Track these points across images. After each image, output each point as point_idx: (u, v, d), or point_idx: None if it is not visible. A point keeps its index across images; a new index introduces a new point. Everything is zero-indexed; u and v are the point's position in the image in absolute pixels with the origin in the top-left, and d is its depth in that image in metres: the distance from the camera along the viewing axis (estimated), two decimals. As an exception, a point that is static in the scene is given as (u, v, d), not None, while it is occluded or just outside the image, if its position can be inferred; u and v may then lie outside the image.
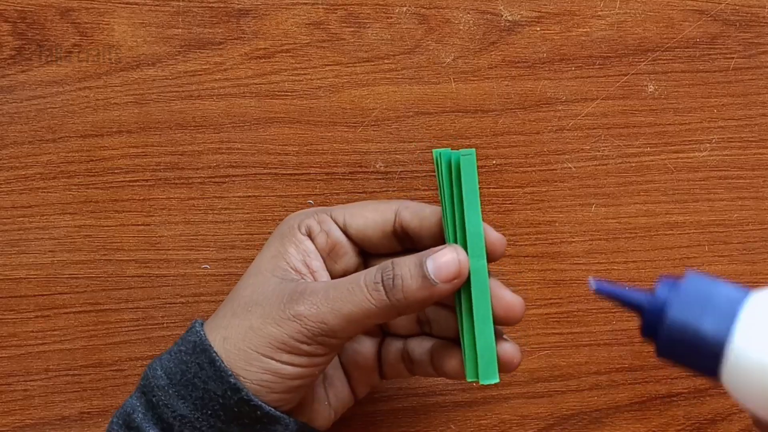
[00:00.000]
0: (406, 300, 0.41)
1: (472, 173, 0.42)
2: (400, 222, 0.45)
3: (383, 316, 0.42)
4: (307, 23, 0.54)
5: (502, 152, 0.54)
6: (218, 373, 0.42)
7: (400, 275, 0.41)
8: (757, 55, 0.55)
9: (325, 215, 0.46)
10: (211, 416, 0.42)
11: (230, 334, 0.43)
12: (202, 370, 0.42)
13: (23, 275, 0.52)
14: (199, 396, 0.42)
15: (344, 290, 0.42)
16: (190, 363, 0.43)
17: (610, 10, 0.55)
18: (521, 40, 0.54)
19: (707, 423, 0.55)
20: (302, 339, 0.41)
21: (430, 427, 0.54)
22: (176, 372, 0.43)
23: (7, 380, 0.52)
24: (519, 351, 0.43)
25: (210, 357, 0.42)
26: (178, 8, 0.53)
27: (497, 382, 0.42)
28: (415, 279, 0.41)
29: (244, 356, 0.42)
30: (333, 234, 0.46)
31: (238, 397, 0.41)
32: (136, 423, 0.43)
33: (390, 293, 0.41)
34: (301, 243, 0.45)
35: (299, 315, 0.41)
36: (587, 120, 0.55)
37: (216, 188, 0.53)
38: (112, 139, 0.53)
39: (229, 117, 0.53)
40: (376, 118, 0.54)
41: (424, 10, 0.54)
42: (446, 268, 0.41)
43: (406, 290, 0.41)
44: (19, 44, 0.53)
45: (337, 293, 0.42)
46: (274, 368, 0.42)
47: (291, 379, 0.42)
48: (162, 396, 0.42)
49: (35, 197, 0.52)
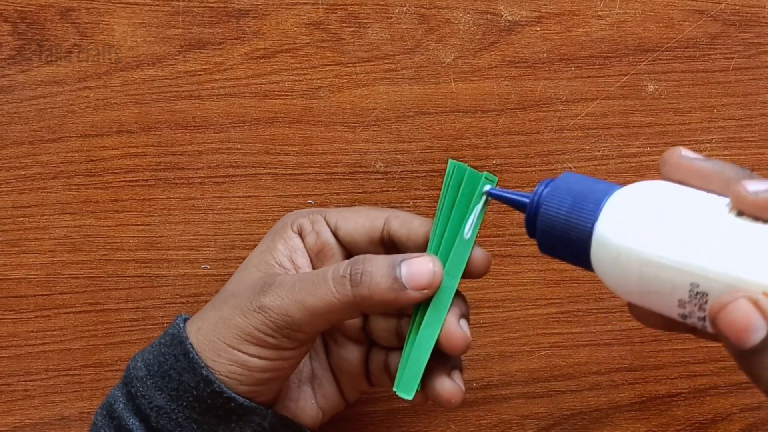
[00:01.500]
0: (371, 298, 0.40)
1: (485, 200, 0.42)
2: (389, 230, 0.45)
3: (346, 312, 0.41)
4: (307, 23, 0.54)
5: (502, 152, 0.54)
6: (191, 364, 0.42)
7: (369, 272, 0.41)
8: (757, 55, 0.55)
9: (318, 216, 0.46)
10: (187, 408, 0.42)
11: (204, 324, 0.43)
12: (178, 362, 0.42)
13: (23, 275, 0.52)
14: (174, 387, 0.42)
15: (309, 282, 0.41)
16: (168, 354, 0.43)
17: (610, 10, 0.55)
18: (521, 40, 0.54)
19: (707, 423, 0.55)
20: (267, 331, 0.41)
21: (430, 427, 0.54)
22: (154, 363, 0.43)
23: (7, 380, 0.52)
24: (460, 393, 0.42)
25: (185, 348, 0.42)
26: (178, 8, 0.53)
27: (409, 398, 0.42)
28: (384, 278, 0.40)
29: (214, 347, 0.42)
30: (323, 235, 0.46)
31: (210, 389, 0.42)
32: (117, 413, 0.43)
33: (355, 288, 0.41)
34: (289, 240, 0.46)
35: (264, 306, 0.41)
36: (587, 120, 0.55)
37: (216, 188, 0.53)
38: (112, 139, 0.53)
39: (229, 117, 0.53)
40: (376, 118, 0.54)
41: (424, 10, 0.54)
42: (419, 276, 0.41)
43: (373, 288, 0.40)
44: (19, 44, 0.53)
45: (302, 285, 0.41)
46: (241, 360, 0.42)
47: (259, 372, 0.42)
48: (140, 387, 0.43)
49: (35, 197, 0.52)
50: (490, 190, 0.42)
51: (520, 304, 0.54)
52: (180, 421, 0.42)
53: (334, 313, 0.41)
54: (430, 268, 0.41)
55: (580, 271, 0.51)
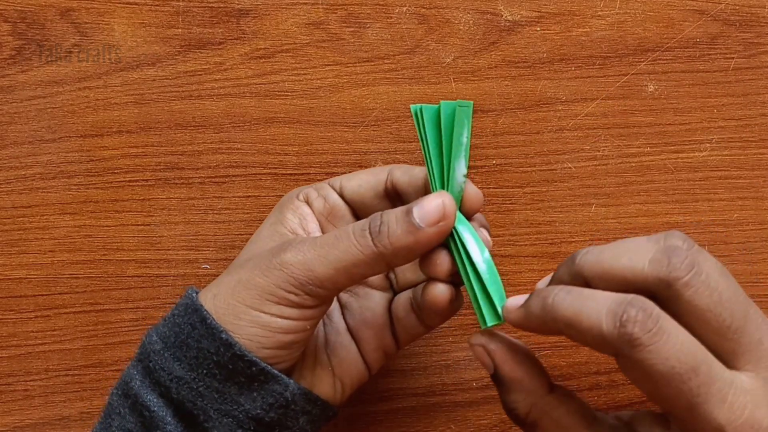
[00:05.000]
0: (392, 246, 0.41)
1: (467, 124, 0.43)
2: (392, 181, 0.46)
3: (371, 265, 0.41)
4: (307, 23, 0.54)
5: (502, 152, 0.54)
6: (209, 330, 0.41)
7: (386, 222, 0.41)
8: (757, 55, 0.55)
9: (323, 183, 0.47)
10: (207, 375, 0.41)
11: (220, 290, 0.42)
12: (195, 330, 0.42)
13: (23, 275, 0.52)
14: (193, 356, 0.42)
15: (332, 237, 0.41)
16: (183, 324, 0.42)
17: (610, 10, 0.55)
18: (521, 40, 0.54)
19: (707, 423, 0.55)
20: (289, 288, 0.41)
21: (430, 427, 0.54)
22: (170, 335, 0.42)
23: (7, 380, 0.52)
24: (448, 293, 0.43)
25: (201, 315, 0.42)
26: (178, 8, 0.53)
27: (502, 321, 0.42)
28: (400, 224, 0.41)
29: (233, 310, 0.41)
30: (330, 198, 0.47)
31: (231, 353, 0.41)
32: (134, 390, 0.42)
33: (376, 239, 0.41)
34: (298, 208, 0.46)
35: (285, 263, 0.41)
36: (587, 120, 0.55)
37: (216, 188, 0.53)
38: (112, 139, 0.53)
39: (229, 117, 0.53)
40: (376, 118, 0.54)
41: (424, 10, 0.54)
42: (431, 212, 0.41)
43: (392, 235, 0.41)
44: (19, 44, 0.53)
45: (324, 240, 0.41)
46: (263, 321, 0.41)
47: (282, 333, 0.41)
48: (158, 360, 0.42)
49: (35, 197, 0.52)
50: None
51: (520, 304, 0.54)
52: (201, 390, 0.41)
53: (358, 266, 0.41)
54: (439, 202, 0.41)
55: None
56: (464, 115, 0.42)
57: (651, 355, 0.36)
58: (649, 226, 0.54)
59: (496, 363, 0.41)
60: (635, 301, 0.36)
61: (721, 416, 0.36)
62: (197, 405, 0.42)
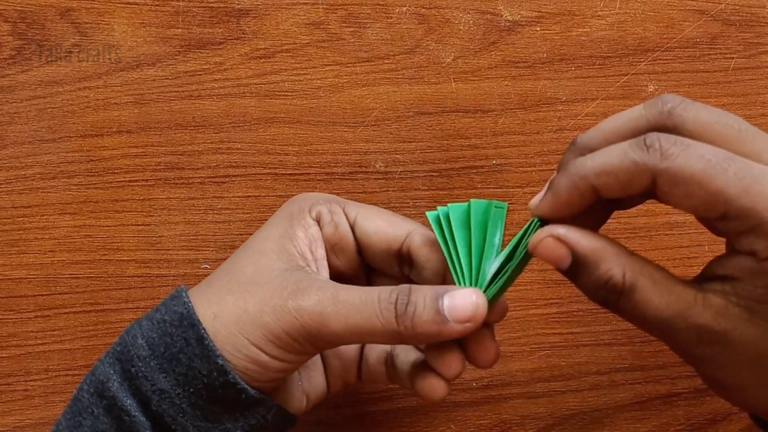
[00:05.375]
0: (413, 329, 0.39)
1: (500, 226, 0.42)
2: (408, 245, 0.44)
3: (386, 338, 0.40)
4: (307, 23, 0.54)
5: (502, 152, 0.54)
6: (206, 351, 0.40)
7: (413, 302, 0.39)
8: (757, 55, 0.55)
9: (337, 206, 0.45)
10: (193, 394, 0.41)
11: (222, 312, 0.41)
12: (188, 346, 0.40)
13: (23, 275, 0.52)
14: (182, 372, 0.40)
15: (356, 299, 0.40)
16: (176, 336, 0.41)
17: (610, 10, 0.55)
18: (521, 40, 0.54)
19: (707, 423, 0.55)
20: (297, 337, 0.40)
21: (430, 427, 0.54)
22: (159, 344, 0.41)
23: (7, 380, 0.52)
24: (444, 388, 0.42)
25: (198, 334, 0.40)
26: (178, 8, 0.53)
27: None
28: (428, 310, 0.39)
29: (233, 341, 0.40)
30: (341, 228, 0.44)
31: (224, 380, 0.40)
32: (111, 392, 0.41)
33: (400, 318, 0.39)
34: (309, 227, 0.44)
35: (301, 310, 0.39)
36: (587, 120, 0.55)
37: (216, 188, 0.53)
38: (112, 139, 0.53)
39: (229, 117, 0.53)
40: (376, 118, 0.54)
41: (424, 10, 0.54)
42: (462, 309, 0.39)
43: (417, 319, 0.39)
44: (19, 44, 0.53)
45: (348, 298, 0.40)
46: (262, 360, 0.40)
47: (275, 372, 0.41)
48: (142, 367, 0.41)
49: (35, 197, 0.52)
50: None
51: (520, 304, 0.54)
52: (184, 407, 0.41)
53: (373, 335, 0.40)
54: (473, 301, 0.39)
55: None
56: (498, 217, 0.41)
57: (685, 159, 0.35)
58: (649, 226, 0.54)
59: (572, 244, 0.38)
60: (650, 133, 0.36)
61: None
62: (177, 420, 0.41)
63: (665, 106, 0.37)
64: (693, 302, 0.37)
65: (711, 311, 0.37)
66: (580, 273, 0.38)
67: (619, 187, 0.37)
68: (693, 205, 0.36)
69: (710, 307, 0.37)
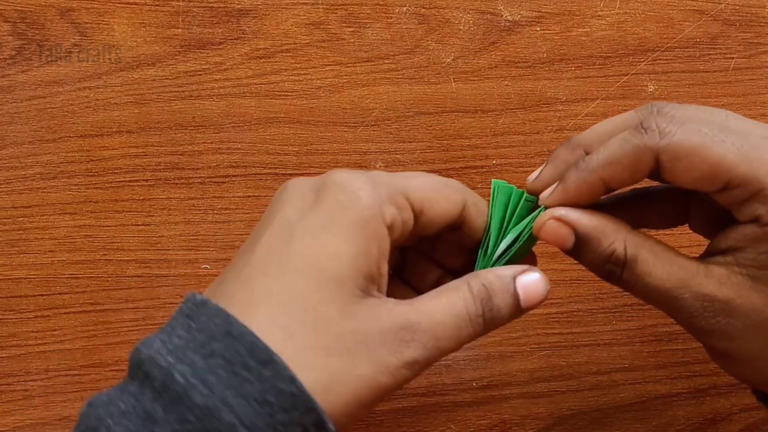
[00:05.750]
0: (495, 327, 0.40)
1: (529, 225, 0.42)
2: (464, 218, 0.41)
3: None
4: (307, 23, 0.54)
5: (502, 152, 0.54)
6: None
7: (497, 306, 0.39)
8: (757, 55, 0.55)
9: (404, 200, 0.39)
10: None
11: (332, 381, 0.35)
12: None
13: (23, 275, 0.52)
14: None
15: (453, 328, 0.38)
16: (290, 426, 0.34)
17: (610, 10, 0.55)
18: (521, 40, 0.54)
19: (707, 423, 0.55)
20: (405, 383, 0.37)
21: (430, 427, 0.54)
22: (265, 429, 0.34)
23: (7, 380, 0.52)
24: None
25: (318, 419, 0.34)
26: (178, 8, 0.53)
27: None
28: (509, 309, 0.40)
29: (347, 409, 0.36)
30: (407, 225, 0.39)
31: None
32: None
33: (488, 325, 0.39)
34: (383, 240, 0.37)
35: (414, 363, 0.37)
36: (587, 120, 0.55)
37: (216, 188, 0.53)
38: (112, 139, 0.53)
39: (229, 117, 0.53)
40: (376, 118, 0.54)
41: (424, 10, 0.54)
42: (535, 297, 0.40)
43: (500, 321, 0.40)
44: (19, 44, 0.53)
45: (445, 333, 0.38)
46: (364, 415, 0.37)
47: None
48: None
49: (35, 197, 0.52)
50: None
51: (520, 304, 0.54)
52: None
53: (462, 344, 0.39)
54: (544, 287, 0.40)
55: (580, 271, 0.52)
56: (525, 210, 0.42)
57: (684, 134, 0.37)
58: (649, 226, 0.54)
59: (573, 223, 0.39)
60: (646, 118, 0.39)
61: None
62: None
63: (655, 107, 0.39)
64: (695, 272, 0.38)
65: (713, 280, 0.38)
66: (583, 251, 0.40)
67: (627, 174, 0.38)
68: (696, 177, 0.37)
69: (712, 277, 0.38)
